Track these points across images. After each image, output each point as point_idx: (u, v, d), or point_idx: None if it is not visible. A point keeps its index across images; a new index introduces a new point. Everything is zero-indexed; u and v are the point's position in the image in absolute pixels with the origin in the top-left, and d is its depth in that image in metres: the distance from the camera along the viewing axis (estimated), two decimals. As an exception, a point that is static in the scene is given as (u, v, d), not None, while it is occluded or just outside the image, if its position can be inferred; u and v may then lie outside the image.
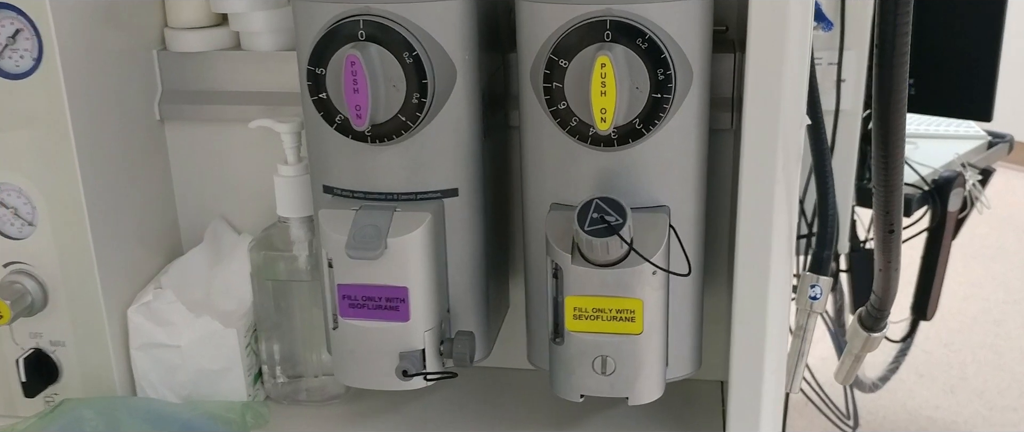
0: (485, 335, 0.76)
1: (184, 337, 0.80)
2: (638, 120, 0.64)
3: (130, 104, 0.82)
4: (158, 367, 0.81)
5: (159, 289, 0.81)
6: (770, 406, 0.72)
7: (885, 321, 0.90)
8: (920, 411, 2.15)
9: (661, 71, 0.63)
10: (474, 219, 0.72)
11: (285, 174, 0.79)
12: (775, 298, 0.68)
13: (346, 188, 0.70)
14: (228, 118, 0.84)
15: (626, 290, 0.65)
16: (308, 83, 0.66)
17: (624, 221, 0.63)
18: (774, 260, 0.67)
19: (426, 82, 0.65)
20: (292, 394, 0.85)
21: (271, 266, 0.81)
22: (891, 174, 0.71)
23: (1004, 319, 2.51)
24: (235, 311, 0.82)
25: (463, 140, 0.69)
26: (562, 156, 0.67)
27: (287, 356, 0.84)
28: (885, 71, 0.65)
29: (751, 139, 0.64)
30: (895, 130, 0.68)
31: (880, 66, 0.66)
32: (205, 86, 0.84)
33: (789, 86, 0.63)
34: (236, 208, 0.88)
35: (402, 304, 0.68)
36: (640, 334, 0.66)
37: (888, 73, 0.65)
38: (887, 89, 0.66)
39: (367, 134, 0.66)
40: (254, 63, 0.83)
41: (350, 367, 0.71)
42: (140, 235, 0.84)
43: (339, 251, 0.67)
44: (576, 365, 0.68)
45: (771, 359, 0.70)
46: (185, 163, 0.87)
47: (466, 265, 0.73)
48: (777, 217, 0.66)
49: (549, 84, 0.64)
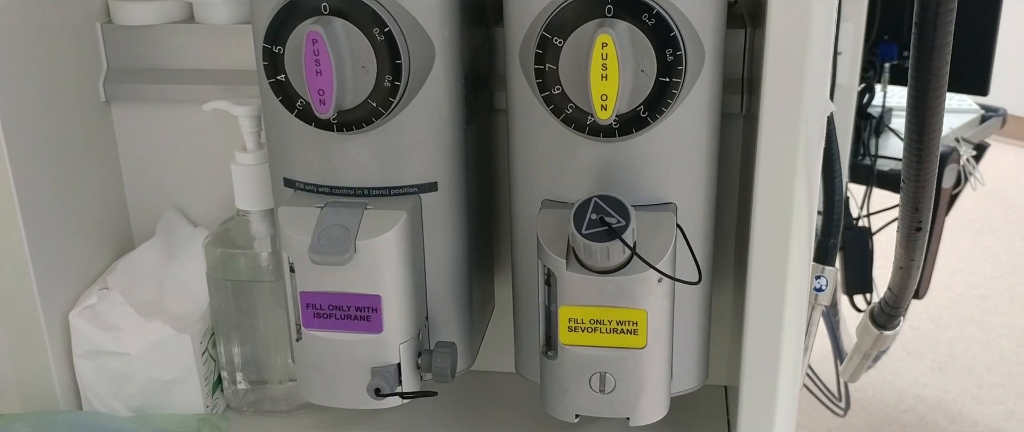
0: (468, 344, 0.70)
1: (133, 344, 0.75)
2: (643, 107, 0.58)
3: (71, 83, 0.77)
4: (105, 377, 0.76)
5: (105, 290, 0.76)
6: (784, 417, 0.66)
7: (899, 319, 0.85)
8: (908, 389, 2.16)
9: (670, 51, 0.56)
10: (455, 217, 0.66)
11: (244, 163, 0.73)
12: (792, 303, 0.63)
13: (310, 182, 0.65)
14: (181, 99, 0.79)
15: (628, 299, 0.59)
16: (264, 63, 0.60)
17: (627, 223, 0.56)
18: (792, 263, 0.61)
19: (400, 62, 0.59)
20: (256, 403, 0.81)
21: (230, 264, 0.76)
22: (924, 167, 0.64)
23: (991, 294, 2.53)
24: (190, 314, 0.78)
25: (442, 128, 0.64)
26: (555, 148, 0.61)
27: (249, 360, 0.79)
28: (924, 52, 0.59)
29: (770, 128, 0.58)
30: (932, 119, 0.61)
31: (919, 47, 0.59)
32: (155, 63, 0.79)
33: (814, 66, 0.57)
34: (191, 199, 0.84)
35: (374, 314, 0.62)
36: (643, 348, 0.60)
37: (928, 54, 0.58)
38: (925, 73, 0.59)
39: (332, 122, 0.61)
40: (209, 37, 0.78)
41: (316, 384, 0.66)
42: (83, 230, 0.79)
43: (302, 255, 0.61)
44: (571, 382, 0.62)
45: (786, 368, 0.65)
46: (134, 149, 0.83)
47: (447, 268, 0.67)
48: (797, 215, 0.60)
49: (541, 66, 0.58)
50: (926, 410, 2.07)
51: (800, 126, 0.58)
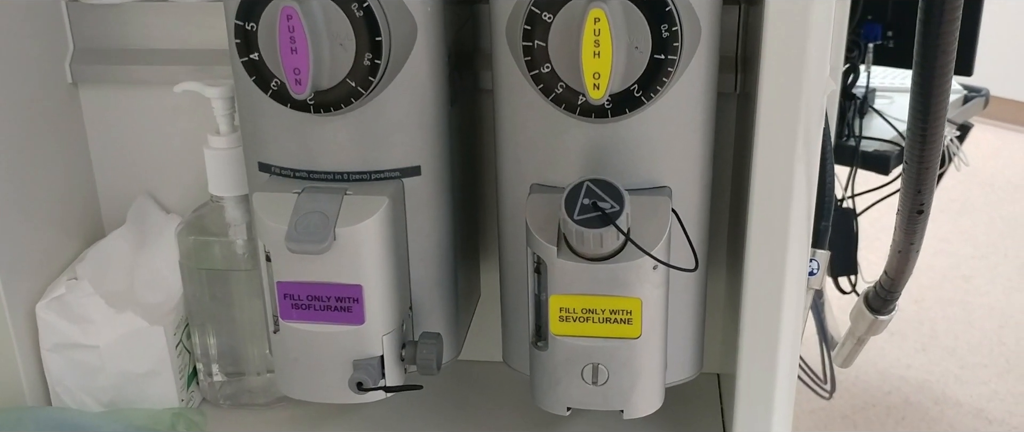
0: (454, 334, 0.68)
1: (103, 336, 0.73)
2: (636, 86, 0.55)
3: (35, 64, 0.75)
4: (74, 371, 0.74)
5: (73, 280, 0.74)
6: (782, 406, 0.65)
7: (895, 304, 0.83)
8: (892, 370, 2.17)
9: (665, 27, 0.54)
10: (439, 202, 0.64)
11: (217, 146, 0.71)
12: (791, 290, 0.61)
13: (286, 166, 0.62)
14: (152, 80, 0.77)
15: (622, 288, 0.56)
16: (236, 41, 0.58)
17: (621, 208, 0.54)
18: (792, 249, 0.59)
19: (380, 39, 0.57)
20: (233, 396, 0.79)
21: (204, 252, 0.74)
22: (928, 148, 0.62)
23: (972, 274, 2.54)
24: (163, 304, 0.76)
25: (425, 109, 0.61)
26: (544, 129, 0.59)
27: (225, 351, 0.77)
28: (932, 28, 0.56)
29: (769, 108, 0.56)
30: (938, 98, 0.59)
31: (926, 24, 0.56)
32: (124, 42, 0.77)
33: (815, 43, 0.54)
34: (163, 184, 0.82)
35: (355, 304, 0.60)
36: (638, 338, 0.58)
37: (935, 30, 0.56)
38: (933, 50, 0.57)
39: (309, 103, 0.58)
40: (180, 15, 0.76)
41: (295, 378, 0.63)
42: (50, 217, 0.77)
43: (278, 243, 0.59)
44: (562, 374, 0.59)
45: (785, 356, 0.63)
46: (103, 132, 0.80)
47: (431, 256, 0.65)
48: (796, 199, 0.57)
49: (529, 43, 0.55)
50: (910, 391, 2.07)
51: (800, 107, 0.55)
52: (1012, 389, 2.02)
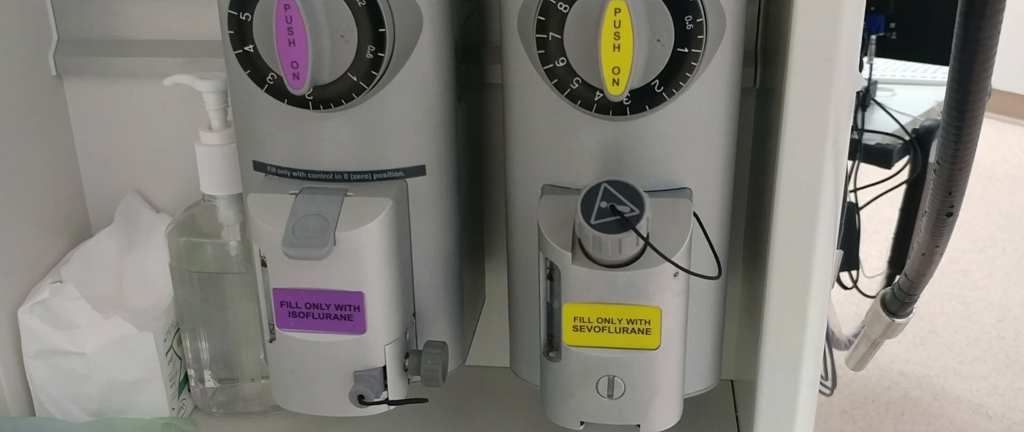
0: (459, 342, 0.66)
1: (90, 342, 0.72)
2: (657, 81, 0.52)
3: (17, 56, 0.73)
4: (59, 379, 0.73)
5: (58, 283, 0.74)
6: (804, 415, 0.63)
7: (912, 307, 0.81)
8: (891, 365, 2.17)
9: (689, 18, 0.51)
10: (445, 203, 0.62)
11: (209, 143, 0.70)
12: (817, 295, 0.58)
13: (282, 166, 0.60)
14: (140, 72, 0.76)
15: (641, 296, 0.54)
16: (230, 32, 0.55)
17: (641, 212, 0.51)
18: (818, 254, 0.56)
19: (383, 31, 0.54)
20: (226, 403, 0.78)
21: (195, 254, 0.72)
22: (962, 149, 0.60)
23: (970, 269, 2.55)
24: (152, 308, 0.75)
25: (431, 105, 0.59)
26: (558, 126, 0.56)
27: (218, 357, 0.76)
28: (973, 20, 0.54)
29: (796, 104, 0.53)
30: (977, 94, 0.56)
31: (967, 14, 0.54)
32: (111, 33, 0.76)
33: (847, 35, 0.52)
34: (153, 182, 0.81)
35: (356, 312, 0.58)
36: (656, 349, 0.55)
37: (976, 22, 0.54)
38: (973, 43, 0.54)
39: (308, 98, 0.56)
40: (171, 5, 0.75)
41: (291, 389, 0.61)
42: (33, 217, 0.76)
43: (274, 248, 0.56)
44: (576, 386, 0.57)
45: (809, 364, 0.61)
46: (89, 127, 0.80)
47: (436, 261, 0.63)
48: (824, 201, 0.55)
49: (544, 35, 0.52)
50: (909, 386, 2.07)
51: (830, 103, 0.53)
52: (1011, 384, 2.03)
